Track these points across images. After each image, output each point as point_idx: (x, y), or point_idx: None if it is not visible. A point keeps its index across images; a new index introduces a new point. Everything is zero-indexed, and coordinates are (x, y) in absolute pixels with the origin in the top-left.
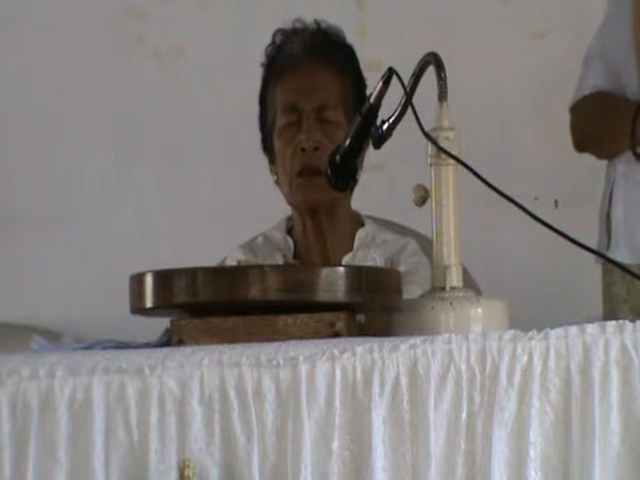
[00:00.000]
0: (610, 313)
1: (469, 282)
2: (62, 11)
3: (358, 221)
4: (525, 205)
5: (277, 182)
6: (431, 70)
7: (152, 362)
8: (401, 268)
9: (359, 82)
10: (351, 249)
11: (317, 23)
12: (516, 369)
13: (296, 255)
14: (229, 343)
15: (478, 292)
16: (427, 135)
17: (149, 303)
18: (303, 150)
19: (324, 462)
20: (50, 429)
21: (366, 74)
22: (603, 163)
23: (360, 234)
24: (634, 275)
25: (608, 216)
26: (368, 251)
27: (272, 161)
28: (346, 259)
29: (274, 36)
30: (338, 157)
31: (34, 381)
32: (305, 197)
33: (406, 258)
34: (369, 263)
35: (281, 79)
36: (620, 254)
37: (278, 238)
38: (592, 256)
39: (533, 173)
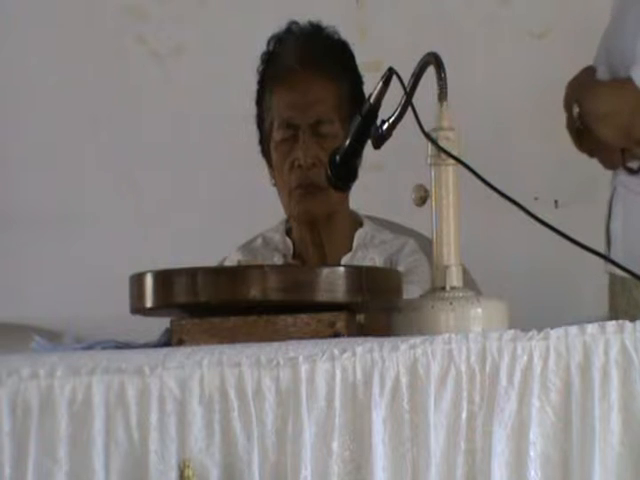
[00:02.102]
0: None
1: (469, 282)
2: (62, 10)
3: (357, 221)
4: (525, 205)
5: (275, 185)
6: (431, 70)
7: (152, 362)
8: (400, 268)
9: (356, 88)
10: (350, 249)
11: (311, 25)
12: (516, 369)
13: (295, 256)
14: (229, 343)
15: (478, 292)
16: (427, 135)
17: (149, 303)
18: (300, 167)
19: (324, 462)
20: (50, 429)
21: (366, 74)
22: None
23: (359, 234)
24: (634, 275)
25: (608, 227)
26: (367, 251)
27: (270, 165)
28: (345, 259)
29: (268, 43)
30: (338, 157)
31: (34, 381)
32: (304, 210)
33: (405, 257)
34: (368, 263)
35: (277, 89)
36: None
37: (277, 239)
38: (591, 256)
39: (533, 173)
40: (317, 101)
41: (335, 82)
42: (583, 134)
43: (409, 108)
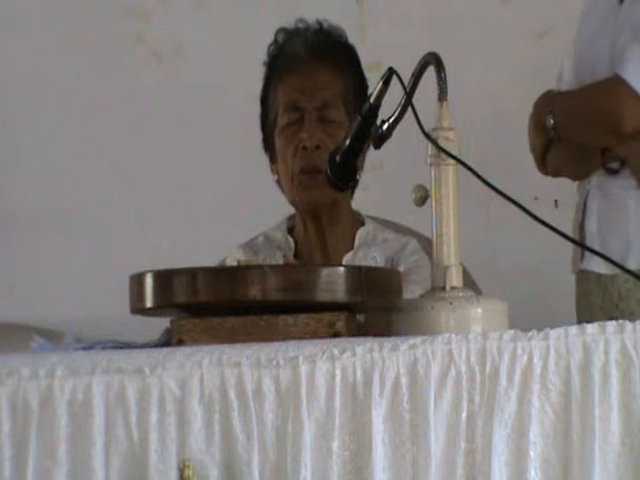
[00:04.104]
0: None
1: (469, 282)
2: (62, 11)
3: (359, 220)
4: (525, 205)
5: (278, 181)
6: (431, 70)
7: (152, 362)
8: (402, 267)
9: (360, 82)
10: (352, 248)
11: (319, 23)
12: (516, 369)
13: (297, 254)
14: (229, 343)
15: (478, 292)
16: (427, 135)
17: (149, 303)
18: (305, 149)
19: (324, 462)
20: (50, 429)
21: (366, 74)
22: None
23: (361, 233)
24: (635, 276)
25: (582, 226)
26: (369, 250)
27: (273, 160)
28: (347, 258)
29: (276, 35)
30: (338, 157)
31: (34, 381)
32: (306, 196)
33: (407, 257)
34: (370, 262)
35: (283, 78)
36: (594, 264)
37: (279, 237)
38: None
39: (533, 173)
40: (324, 86)
41: (341, 73)
42: (554, 148)
43: (409, 108)
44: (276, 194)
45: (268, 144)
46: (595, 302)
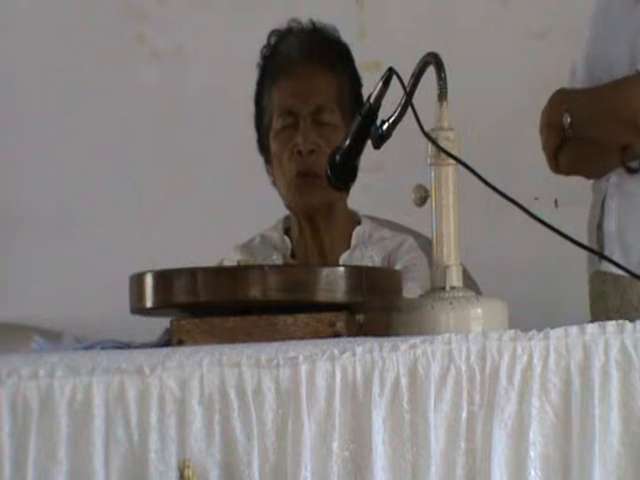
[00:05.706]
0: None
1: (469, 282)
2: (62, 10)
3: (355, 220)
4: (525, 205)
5: (274, 183)
6: (431, 70)
7: (152, 362)
8: (399, 265)
9: (355, 82)
10: (348, 247)
11: (312, 23)
12: (516, 369)
13: (293, 255)
14: (229, 343)
15: (478, 292)
16: (427, 135)
17: (149, 303)
18: (300, 153)
19: (324, 462)
20: (50, 429)
21: (366, 74)
22: None
23: (357, 232)
24: (635, 276)
25: (600, 226)
26: (365, 249)
27: (268, 161)
28: (343, 257)
29: (269, 37)
30: (338, 157)
31: (34, 381)
32: (303, 200)
33: (404, 254)
34: (366, 261)
35: (277, 81)
36: (613, 265)
37: (275, 238)
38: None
39: (533, 173)
40: (318, 90)
41: (336, 74)
42: (568, 146)
43: (409, 108)
44: (276, 194)
45: (263, 145)
46: (612, 305)
